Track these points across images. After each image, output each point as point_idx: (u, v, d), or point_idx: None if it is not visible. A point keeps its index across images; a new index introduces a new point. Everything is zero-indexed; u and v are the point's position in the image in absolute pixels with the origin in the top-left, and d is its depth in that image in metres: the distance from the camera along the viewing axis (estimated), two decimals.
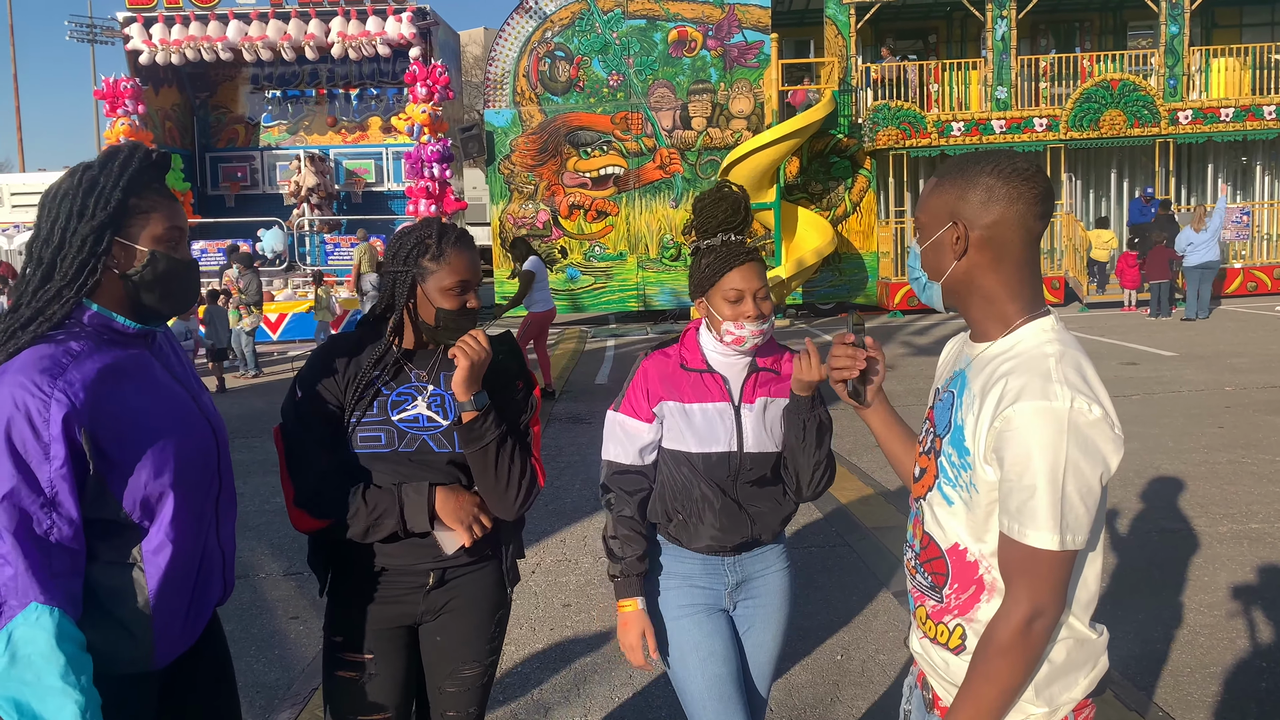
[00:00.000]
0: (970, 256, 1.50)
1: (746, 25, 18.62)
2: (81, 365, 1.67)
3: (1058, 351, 1.45)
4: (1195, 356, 11.42)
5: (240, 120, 21.93)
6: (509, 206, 18.92)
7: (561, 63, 18.79)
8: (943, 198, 1.53)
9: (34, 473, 1.60)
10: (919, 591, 1.62)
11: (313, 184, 20.35)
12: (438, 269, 2.12)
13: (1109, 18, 20.31)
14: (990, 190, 1.48)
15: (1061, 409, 1.38)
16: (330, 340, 2.25)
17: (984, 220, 1.49)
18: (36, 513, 1.60)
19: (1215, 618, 4.20)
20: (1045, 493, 1.38)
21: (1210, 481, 6.23)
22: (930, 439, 1.61)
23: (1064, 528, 1.39)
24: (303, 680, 3.89)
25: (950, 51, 20.16)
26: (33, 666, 1.54)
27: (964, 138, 17.92)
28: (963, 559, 1.53)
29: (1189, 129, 17.88)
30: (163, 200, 1.79)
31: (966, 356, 1.58)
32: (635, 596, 2.29)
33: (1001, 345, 1.51)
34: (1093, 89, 17.64)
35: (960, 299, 1.56)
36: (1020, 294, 1.51)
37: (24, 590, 1.56)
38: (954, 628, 1.55)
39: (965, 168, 1.52)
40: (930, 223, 1.56)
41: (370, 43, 19.48)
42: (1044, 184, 1.50)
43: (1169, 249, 15.17)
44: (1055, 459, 1.38)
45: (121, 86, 19.01)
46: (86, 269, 1.71)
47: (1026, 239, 1.50)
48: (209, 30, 19.48)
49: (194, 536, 1.84)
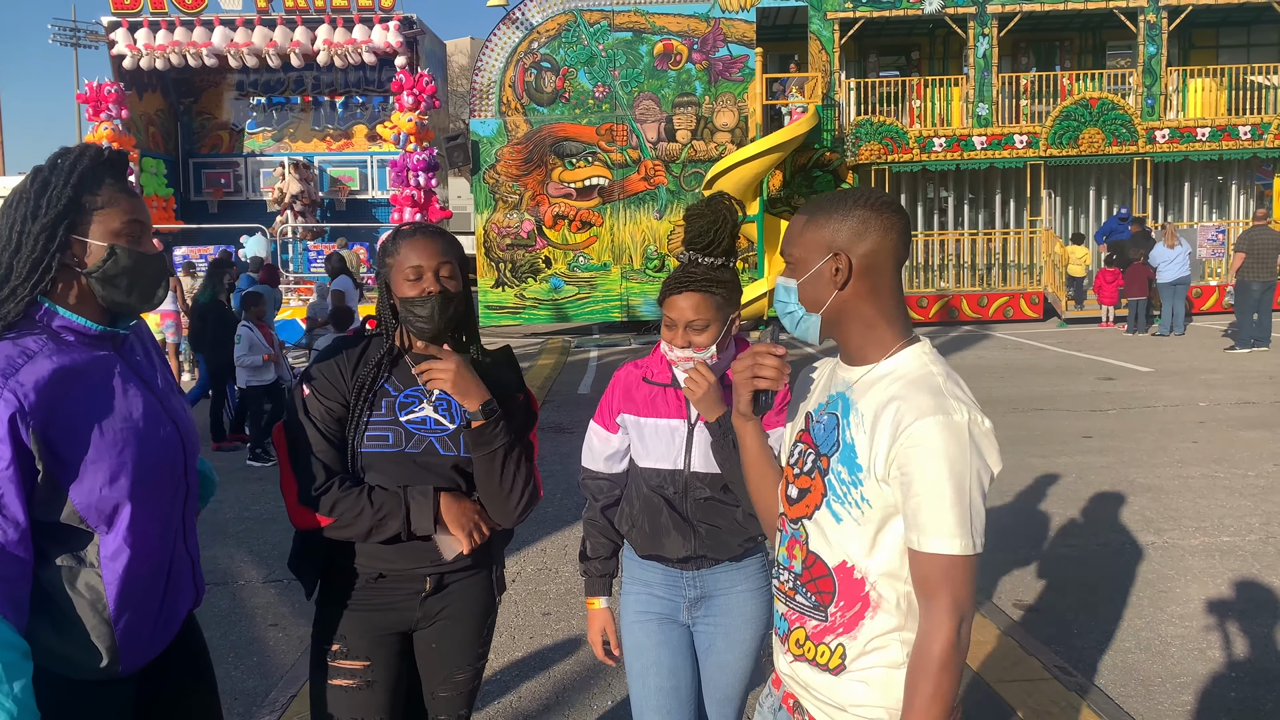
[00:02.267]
0: (851, 285, 1.56)
1: (731, 39, 18.75)
2: (36, 365, 1.64)
3: (942, 371, 1.54)
4: (1170, 372, 11.57)
5: (224, 126, 21.89)
6: (493, 216, 18.94)
7: (547, 74, 18.85)
8: (819, 232, 1.58)
9: None
10: (798, 613, 1.64)
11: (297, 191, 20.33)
12: (395, 261, 2.15)
13: (1089, 37, 20.58)
14: (865, 222, 1.56)
15: (961, 422, 1.46)
16: (336, 340, 2.27)
17: (861, 250, 1.55)
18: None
19: (1187, 629, 4.27)
20: (956, 503, 1.45)
21: (1183, 495, 6.32)
22: (811, 460, 1.63)
23: (974, 532, 1.46)
24: (281, 688, 3.89)
25: (933, 68, 20.36)
26: None
27: (945, 153, 18.10)
28: (850, 576, 1.56)
29: (1166, 148, 18.13)
30: (119, 195, 1.76)
31: (844, 380, 1.62)
32: (599, 595, 2.41)
33: (885, 367, 1.57)
34: (1072, 107, 17.87)
35: (839, 327, 1.61)
36: (896, 318, 1.59)
37: None
38: (835, 647, 1.57)
39: (835, 203, 1.58)
40: (806, 257, 1.59)
41: (356, 50, 19.50)
42: (906, 216, 1.61)
43: (1148, 266, 15.35)
44: (960, 469, 1.45)
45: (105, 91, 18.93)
46: (40, 267, 1.68)
47: (897, 266, 1.59)
48: (194, 36, 19.45)
49: (158, 542, 1.79)
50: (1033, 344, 14.80)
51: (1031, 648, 4.03)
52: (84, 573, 1.71)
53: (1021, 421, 8.89)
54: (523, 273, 18.90)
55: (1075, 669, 3.87)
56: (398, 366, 2.19)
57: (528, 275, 18.94)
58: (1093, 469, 7.04)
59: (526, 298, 18.94)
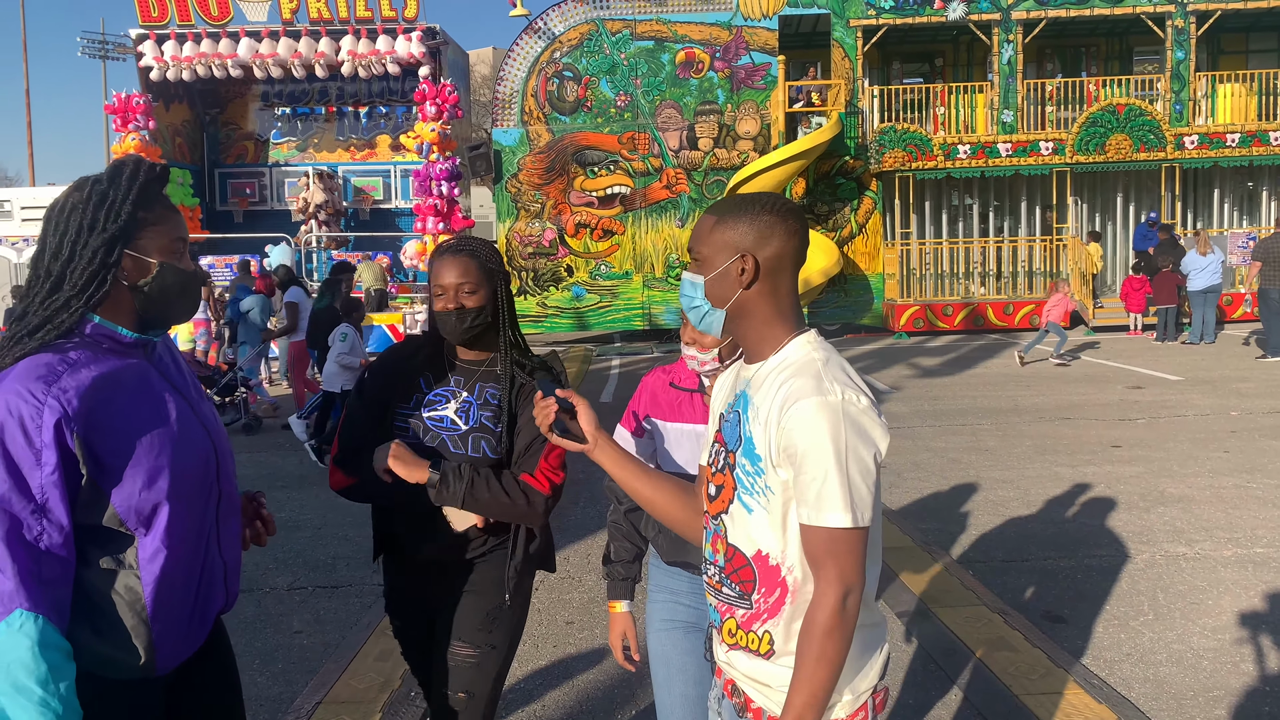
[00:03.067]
0: (756, 285, 1.67)
1: (754, 47, 18.74)
2: (77, 373, 1.67)
3: (823, 356, 1.65)
4: (1201, 381, 11.41)
5: (250, 137, 22.09)
6: (515, 225, 19.00)
7: (569, 83, 18.91)
8: (727, 233, 1.68)
9: (25, 478, 1.60)
10: (725, 604, 1.73)
11: (321, 201, 20.46)
12: (430, 278, 2.41)
13: (1115, 43, 20.41)
14: (772, 227, 1.67)
15: (835, 402, 1.56)
16: (407, 338, 2.60)
17: (766, 253, 1.66)
18: (27, 518, 1.60)
19: (1219, 642, 4.19)
20: (834, 477, 1.54)
21: (1215, 506, 6.22)
22: (723, 457, 1.73)
23: (854, 506, 1.55)
24: (306, 694, 3.89)
25: (957, 75, 20.26)
26: (11, 674, 1.54)
27: (970, 160, 17.99)
28: (766, 564, 1.65)
29: (1195, 154, 17.93)
30: (168, 212, 1.82)
31: (745, 378, 1.73)
32: (620, 599, 2.42)
33: (774, 360, 1.68)
34: (1099, 113, 17.71)
35: (739, 324, 1.71)
36: (790, 316, 1.70)
37: (10, 597, 1.56)
38: (763, 634, 1.66)
39: (744, 207, 1.69)
40: (714, 255, 1.69)
41: (380, 61, 19.63)
42: (807, 224, 1.73)
43: (1176, 274, 15.17)
44: (837, 446, 1.54)
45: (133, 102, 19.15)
46: (96, 280, 1.72)
47: (795, 269, 1.71)
48: (220, 47, 19.65)
49: (193, 545, 1.83)
50: None
51: (1060, 659, 3.97)
52: (123, 574, 1.74)
53: (1049, 431, 8.79)
54: (545, 281, 18.94)
55: (1105, 681, 3.81)
56: (437, 367, 2.44)
57: (550, 284, 18.97)
58: (1122, 479, 6.95)
59: (548, 306, 18.98)
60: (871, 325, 18.71)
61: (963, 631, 4.27)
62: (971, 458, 7.78)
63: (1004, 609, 4.56)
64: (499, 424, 2.35)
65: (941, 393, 11.30)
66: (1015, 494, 6.66)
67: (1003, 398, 10.73)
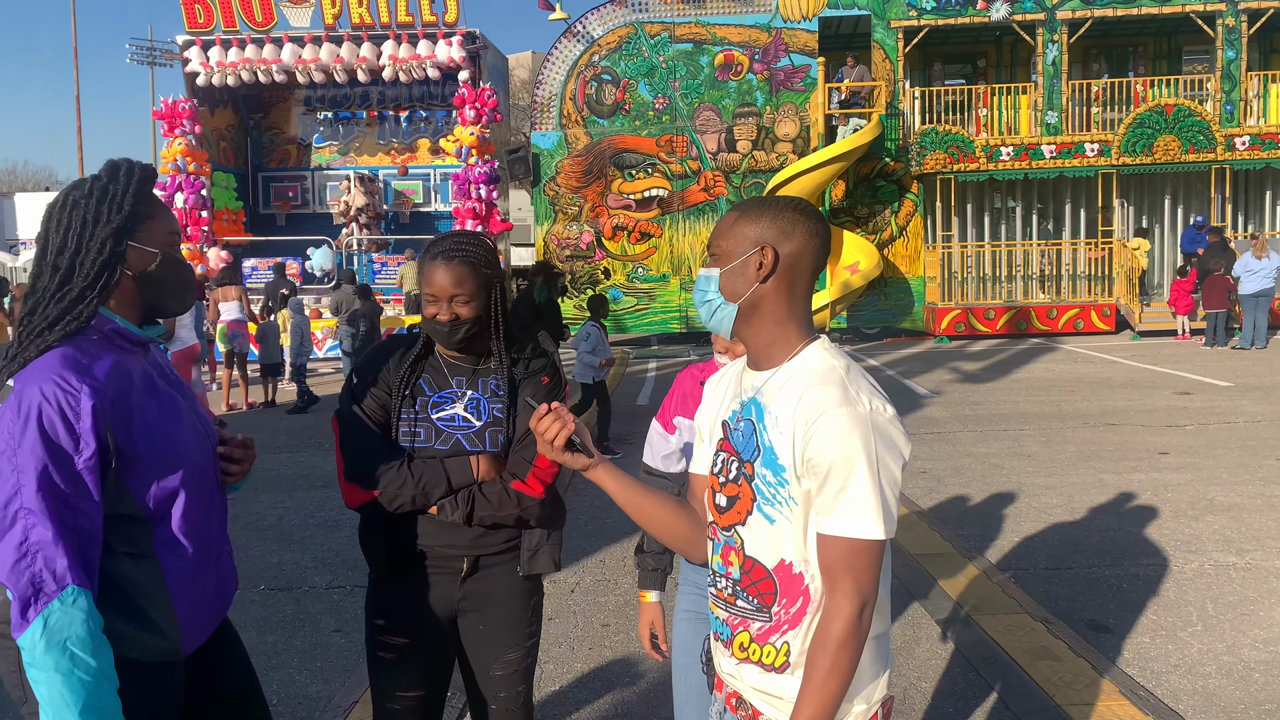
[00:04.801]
0: (772, 280, 1.64)
1: (793, 49, 18.64)
2: (100, 365, 1.76)
3: (844, 364, 1.62)
4: (1252, 387, 11.15)
5: (292, 141, 22.37)
6: (553, 228, 19.06)
7: (608, 86, 18.94)
8: (748, 227, 1.66)
9: (68, 463, 1.67)
10: (739, 618, 1.69)
11: (362, 204, 20.67)
12: (422, 280, 2.32)
13: (1163, 43, 20.03)
14: (794, 222, 1.65)
15: (864, 413, 1.54)
16: (389, 338, 2.47)
17: (787, 249, 1.64)
18: (73, 502, 1.67)
19: (1271, 653, 4.07)
20: (867, 488, 1.52)
21: (1267, 514, 6.06)
22: (735, 467, 1.68)
23: (885, 518, 1.53)
24: (345, 692, 3.91)
25: (1000, 76, 20.00)
26: (67, 648, 1.62)
27: (1013, 162, 17.76)
28: (789, 573, 1.62)
29: (1246, 155, 17.55)
30: (162, 207, 1.92)
31: (753, 385, 1.68)
32: (651, 589, 2.44)
33: (790, 368, 1.64)
34: (1146, 114, 17.39)
35: (751, 322, 1.67)
36: (803, 320, 1.67)
37: (63, 574, 1.64)
38: (780, 645, 1.63)
39: (767, 204, 1.68)
40: (733, 249, 1.67)
41: (420, 66, 19.80)
42: (830, 229, 1.73)
43: (1226, 278, 14.85)
44: (869, 458, 1.52)
45: (180, 108, 19.49)
46: (107, 270, 1.80)
47: (814, 271, 1.68)
48: (264, 53, 19.93)
49: (205, 530, 1.92)
50: (1105, 357, 14.41)
51: (1105, 669, 3.89)
52: (145, 562, 1.82)
53: (1094, 436, 8.63)
54: (582, 284, 18.98)
55: (1152, 693, 3.72)
56: (434, 368, 2.37)
57: (587, 286, 19.01)
58: (1170, 486, 6.80)
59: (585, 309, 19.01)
60: (912, 329, 18.51)
61: (1004, 639, 4.19)
62: (1014, 463, 7.65)
63: (1047, 617, 4.47)
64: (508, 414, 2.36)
65: (983, 397, 11.14)
66: (1059, 500, 6.54)
67: (1046, 403, 10.55)
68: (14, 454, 1.66)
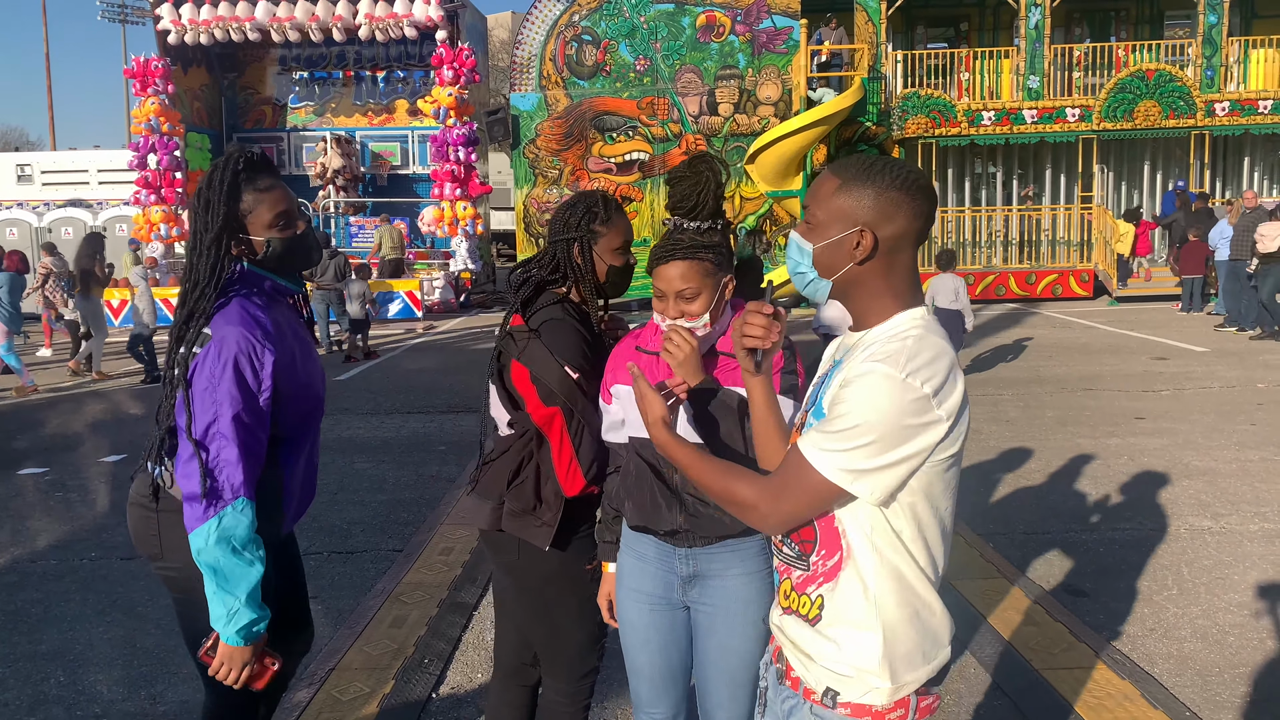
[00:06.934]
0: (870, 263, 1.57)
1: (776, 11, 18.45)
2: (270, 321, 2.22)
3: (918, 334, 1.52)
4: (1227, 353, 11.24)
5: (267, 101, 22.02)
6: (533, 191, 18.89)
7: (588, 47, 18.70)
8: (848, 202, 1.57)
9: (252, 401, 2.14)
10: (785, 564, 1.68)
11: (339, 166, 20.42)
12: (607, 232, 2.42)
13: (1145, 7, 19.97)
14: (897, 204, 1.55)
15: (897, 376, 1.45)
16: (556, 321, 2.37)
17: (887, 231, 1.55)
18: (254, 430, 2.14)
19: (1244, 617, 4.12)
20: (847, 431, 1.46)
21: (1241, 479, 6.12)
22: (798, 415, 1.72)
23: (846, 463, 1.47)
24: (319, 662, 3.88)
25: (982, 40, 19.89)
26: (229, 544, 2.08)
27: (994, 127, 17.71)
28: (830, 525, 1.58)
29: (1226, 121, 17.58)
30: (262, 195, 2.23)
31: (845, 346, 1.65)
32: (607, 560, 2.42)
33: (874, 333, 1.58)
34: (1127, 79, 17.37)
35: (847, 295, 1.62)
36: (902, 293, 1.59)
37: (238, 487, 2.10)
38: (815, 598, 1.61)
39: (871, 175, 1.57)
40: (830, 222, 1.58)
41: (397, 25, 19.48)
42: (936, 199, 1.61)
43: (1204, 244, 14.91)
44: (874, 411, 1.45)
45: (152, 66, 19.12)
46: (217, 269, 2.20)
47: (915, 247, 1.60)
48: (238, 10, 19.54)
49: (311, 449, 2.44)
50: (1083, 322, 14.49)
51: (1082, 634, 3.91)
52: (274, 471, 2.28)
53: (1072, 401, 8.68)
54: None
55: (1128, 657, 3.75)
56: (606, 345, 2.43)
57: None
58: (1146, 451, 6.85)
59: None
60: None
61: (982, 604, 4.21)
62: (992, 428, 7.69)
63: (1025, 582, 4.49)
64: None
65: (961, 362, 11.17)
66: (1037, 465, 6.58)
67: (1024, 368, 10.60)
68: (215, 389, 2.11)
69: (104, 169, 22.24)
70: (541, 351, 2.34)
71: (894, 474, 1.48)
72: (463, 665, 3.84)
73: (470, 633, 4.14)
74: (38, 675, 3.85)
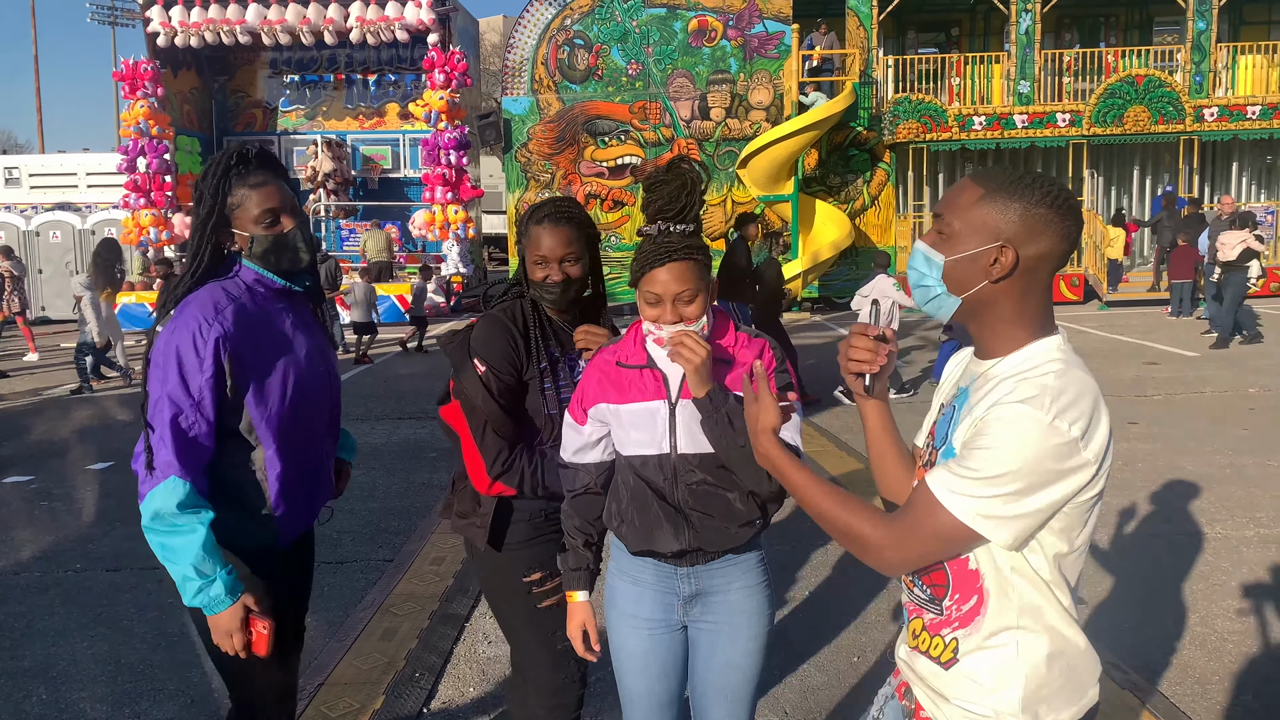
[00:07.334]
0: (1006, 282, 1.46)
1: (768, 15, 18.45)
2: (236, 306, 2.21)
3: (1059, 369, 1.41)
4: (1218, 357, 11.26)
5: (258, 104, 21.92)
6: (525, 194, 18.84)
7: (580, 51, 18.67)
8: (990, 214, 1.45)
9: (189, 380, 2.14)
10: (916, 605, 1.60)
11: (329, 169, 20.33)
12: (527, 243, 2.39)
13: (1135, 13, 20.05)
14: (1046, 222, 1.44)
15: (1042, 417, 1.34)
16: (488, 317, 2.43)
17: (1030, 250, 1.44)
18: (186, 410, 2.14)
19: (1245, 624, 4.09)
20: (991, 472, 1.35)
21: (1235, 484, 6.11)
22: (929, 453, 1.58)
23: (984, 509, 1.37)
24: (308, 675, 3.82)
25: (973, 45, 19.94)
26: (163, 519, 2.11)
27: (985, 132, 17.73)
28: (964, 568, 1.49)
29: (1214, 126, 17.64)
30: (251, 192, 2.23)
31: (972, 374, 1.54)
32: (577, 589, 2.27)
33: (1008, 364, 1.47)
34: (1117, 84, 17.42)
35: (975, 316, 1.51)
36: (1036, 319, 1.48)
37: (167, 465, 2.11)
38: (949, 641, 1.52)
39: (1019, 188, 1.45)
40: (968, 234, 1.47)
41: (389, 28, 19.42)
42: (1082, 220, 1.50)
43: (1193, 249, 14.94)
44: (1014, 451, 1.34)
45: (141, 69, 19.00)
46: (198, 258, 2.26)
47: (1054, 271, 1.49)
48: (228, 13, 19.45)
49: (306, 454, 2.36)
50: (1073, 326, 14.50)
51: None
52: (256, 473, 2.27)
53: None
54: None
55: (1126, 666, 3.72)
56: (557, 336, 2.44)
57: None
58: (1139, 456, 6.83)
59: None
60: None
61: None
62: None
63: None
64: None
65: None
66: None
67: None
68: (159, 368, 2.15)
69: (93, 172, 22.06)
70: (462, 346, 2.39)
71: (1034, 521, 1.39)
72: (454, 679, 3.79)
73: (462, 645, 4.08)
74: (19, 692, 3.78)
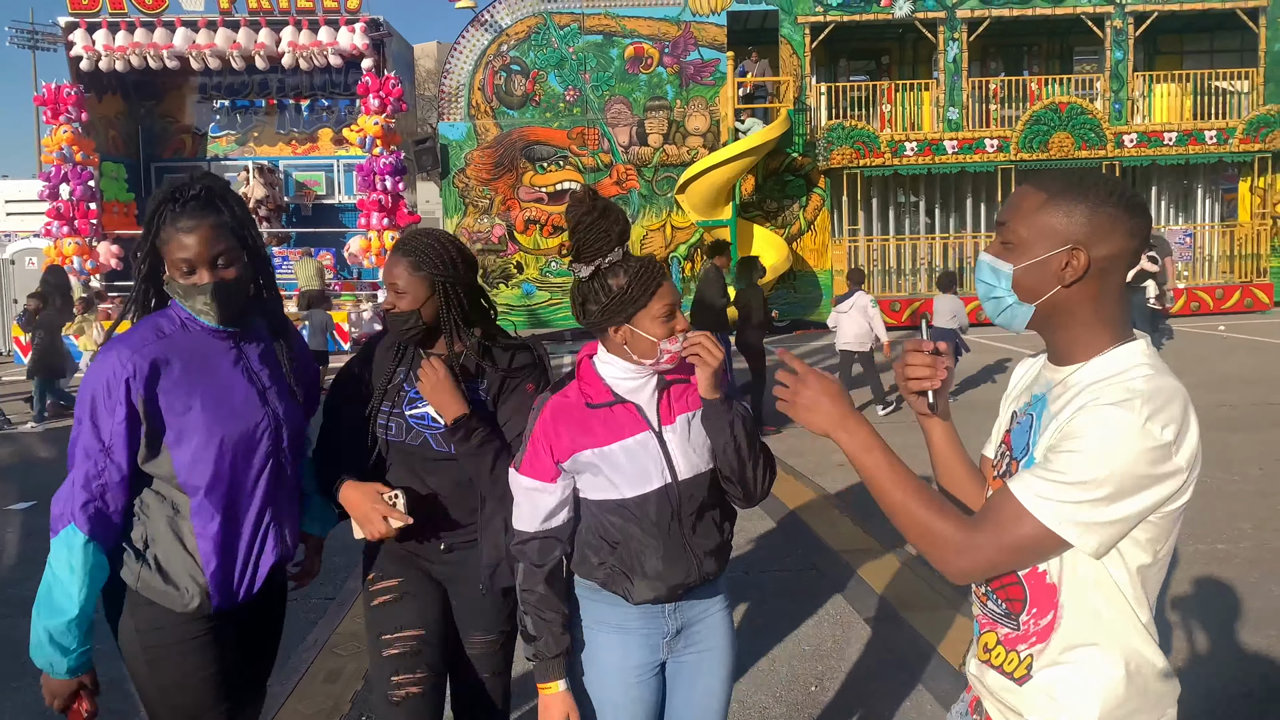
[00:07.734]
0: (1079, 285, 1.42)
1: (703, 43, 18.67)
2: (161, 343, 2.09)
3: (1148, 373, 1.39)
4: None
5: (187, 130, 21.45)
6: (464, 220, 18.72)
7: (517, 76, 18.67)
8: (1058, 218, 1.43)
9: (100, 425, 2.03)
10: (989, 619, 1.56)
11: (261, 196, 19.94)
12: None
13: (1056, 43, 20.74)
14: (1115, 221, 1.41)
15: (1134, 420, 1.31)
16: (369, 340, 2.50)
17: (1102, 251, 1.42)
18: (96, 456, 2.02)
19: (1188, 643, 4.17)
20: (1082, 476, 1.31)
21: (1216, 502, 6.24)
22: (1006, 463, 1.55)
23: (1073, 515, 1.33)
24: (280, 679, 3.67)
25: (903, 73, 20.41)
26: (53, 569, 2.02)
27: (917, 158, 18.13)
28: (1041, 582, 1.46)
29: (1134, 152, 18.29)
30: (176, 234, 2.09)
31: (1048, 380, 1.51)
32: (557, 679, 2.05)
33: (1091, 371, 1.44)
34: (1042, 111, 17.97)
35: (1049, 323, 1.48)
36: (1114, 322, 1.46)
37: (68, 515, 2.02)
38: (1024, 656, 1.49)
39: (1084, 190, 1.43)
40: (1036, 241, 1.44)
41: (322, 53, 19.19)
42: (1150, 216, 1.51)
43: None
44: (1104, 454, 1.31)
45: (64, 93, 18.48)
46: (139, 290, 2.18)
47: (1127, 270, 1.45)
48: (155, 37, 19.03)
49: (245, 509, 2.16)
50: (1003, 345, 14.84)
51: None
52: (183, 527, 2.11)
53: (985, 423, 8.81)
54: (494, 278, 18.69)
55: None
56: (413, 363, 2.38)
57: (499, 280, 18.73)
58: None
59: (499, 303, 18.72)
60: (820, 322, 18.73)
61: (934, 635, 4.20)
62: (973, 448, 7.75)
63: None
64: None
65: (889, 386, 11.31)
66: None
67: (954, 393, 10.77)
68: (80, 407, 2.06)
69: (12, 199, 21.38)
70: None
71: (1122, 528, 1.36)
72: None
73: None
74: None
